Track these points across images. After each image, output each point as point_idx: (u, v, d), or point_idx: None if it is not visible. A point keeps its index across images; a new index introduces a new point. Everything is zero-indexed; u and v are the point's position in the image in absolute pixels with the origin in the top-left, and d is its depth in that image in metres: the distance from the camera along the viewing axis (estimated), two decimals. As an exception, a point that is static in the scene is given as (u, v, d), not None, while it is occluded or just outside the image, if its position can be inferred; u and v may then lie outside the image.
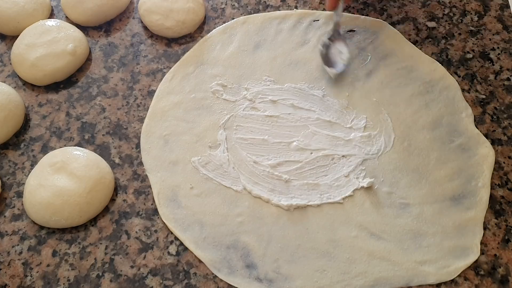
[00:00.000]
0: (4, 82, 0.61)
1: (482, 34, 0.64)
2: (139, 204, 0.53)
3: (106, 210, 0.52)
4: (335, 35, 0.60)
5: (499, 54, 0.62)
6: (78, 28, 0.63)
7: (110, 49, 0.63)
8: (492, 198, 0.52)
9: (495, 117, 0.58)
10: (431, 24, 0.65)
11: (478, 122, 0.57)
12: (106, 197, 0.52)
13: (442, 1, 0.67)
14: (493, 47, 0.63)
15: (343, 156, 0.55)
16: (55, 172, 0.52)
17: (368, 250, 0.49)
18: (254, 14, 0.65)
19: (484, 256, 0.49)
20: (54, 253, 0.50)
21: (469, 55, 0.62)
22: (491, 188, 0.53)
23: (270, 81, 0.59)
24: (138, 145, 0.56)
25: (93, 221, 0.52)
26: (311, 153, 0.55)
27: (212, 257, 0.49)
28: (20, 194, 0.54)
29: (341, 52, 0.59)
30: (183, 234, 0.50)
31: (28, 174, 0.54)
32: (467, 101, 0.58)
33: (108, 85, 0.61)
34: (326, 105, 0.58)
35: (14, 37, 0.63)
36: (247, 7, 0.66)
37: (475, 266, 0.49)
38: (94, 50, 0.63)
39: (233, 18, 0.65)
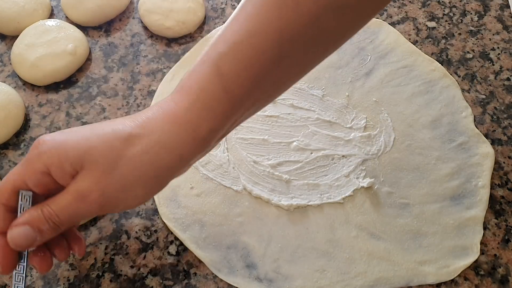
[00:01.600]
0: (4, 82, 0.61)
1: (482, 34, 0.64)
2: (139, 204, 0.53)
3: (106, 210, 0.52)
4: None
5: (499, 54, 0.62)
6: (78, 28, 0.63)
7: (110, 49, 0.63)
8: (492, 198, 0.52)
9: (495, 117, 0.58)
10: (431, 24, 0.65)
11: (478, 122, 0.57)
12: (106, 197, 0.52)
13: (442, 1, 0.67)
14: (493, 47, 0.63)
15: (343, 156, 0.55)
16: (55, 172, 0.52)
17: (368, 250, 0.49)
18: (254, 14, 0.65)
19: (484, 256, 0.49)
20: (54, 253, 0.50)
21: (469, 55, 0.62)
22: (491, 188, 0.53)
23: (270, 81, 0.59)
24: (138, 145, 0.56)
25: (93, 221, 0.52)
26: (311, 153, 0.55)
27: (212, 257, 0.49)
28: (20, 194, 0.54)
29: None
30: (183, 234, 0.50)
31: (28, 174, 0.54)
32: (467, 101, 0.58)
33: (108, 85, 0.61)
34: (326, 105, 0.58)
35: (14, 37, 0.63)
36: (247, 7, 0.66)
37: (475, 266, 0.49)
38: (94, 50, 0.63)
39: (233, 18, 0.65)
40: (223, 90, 0.37)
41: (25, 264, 0.41)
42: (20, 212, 0.39)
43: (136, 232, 0.51)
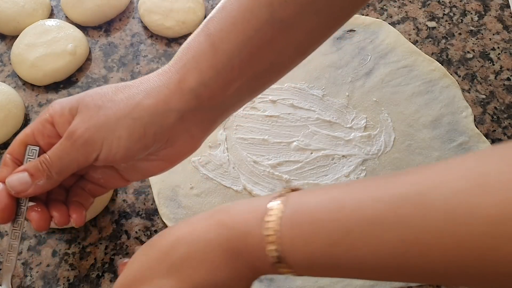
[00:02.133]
0: (4, 82, 0.61)
1: (482, 34, 0.64)
2: (139, 204, 0.53)
3: (106, 210, 0.52)
4: None
5: (499, 54, 0.62)
6: (78, 28, 0.63)
7: (110, 49, 0.63)
8: (492, 198, 0.52)
9: (495, 117, 0.58)
10: (431, 24, 0.65)
11: (478, 122, 0.57)
12: (106, 197, 0.52)
13: (442, 1, 0.67)
14: (493, 47, 0.63)
15: (343, 156, 0.55)
16: (55, 172, 0.52)
17: (368, 250, 0.49)
18: (254, 14, 0.65)
19: (484, 256, 0.49)
20: (54, 253, 0.50)
21: (469, 55, 0.62)
22: (491, 188, 0.53)
23: (270, 81, 0.59)
24: (138, 145, 0.56)
25: (93, 221, 0.52)
26: (311, 153, 0.55)
27: (212, 257, 0.49)
28: (20, 194, 0.54)
29: None
30: (183, 234, 0.50)
31: (28, 174, 0.54)
32: (467, 101, 0.58)
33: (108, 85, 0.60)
34: (326, 104, 0.58)
35: (14, 37, 0.63)
36: (247, 7, 0.66)
37: (475, 266, 0.49)
38: (94, 50, 0.63)
39: (233, 18, 0.65)
40: (210, 45, 0.38)
41: (22, 219, 0.43)
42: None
43: (136, 232, 0.51)
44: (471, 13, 0.65)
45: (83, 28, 0.64)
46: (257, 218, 0.32)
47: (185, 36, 0.64)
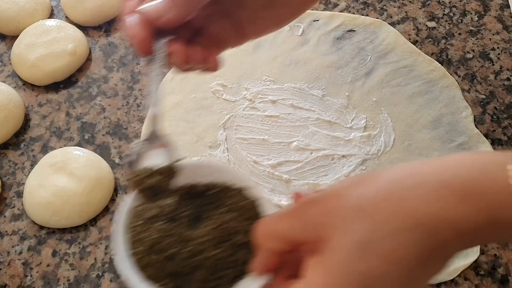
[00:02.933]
0: (4, 82, 0.61)
1: (482, 34, 0.64)
2: (139, 204, 0.53)
3: (106, 210, 0.52)
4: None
5: (499, 54, 0.62)
6: (78, 28, 0.63)
7: (110, 49, 0.63)
8: (492, 198, 0.52)
9: (495, 117, 0.58)
10: (431, 24, 0.65)
11: (478, 122, 0.57)
12: (106, 197, 0.52)
13: (442, 1, 0.67)
14: (493, 47, 0.63)
15: (343, 156, 0.55)
16: (55, 172, 0.52)
17: (368, 250, 0.49)
18: (254, 14, 0.65)
19: (484, 256, 0.49)
20: (54, 253, 0.50)
21: (469, 55, 0.62)
22: (491, 188, 0.53)
23: (270, 81, 0.59)
24: (138, 145, 0.56)
25: (93, 221, 0.52)
26: (311, 153, 0.55)
27: (212, 257, 0.49)
28: (20, 194, 0.54)
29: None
30: (183, 234, 0.50)
31: (28, 174, 0.54)
32: (467, 101, 0.58)
33: (108, 85, 0.61)
34: (326, 105, 0.58)
35: (14, 37, 0.63)
36: (247, 7, 0.66)
37: (475, 266, 0.49)
38: (94, 50, 0.63)
39: (233, 18, 0.65)
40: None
41: (164, 53, 0.36)
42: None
43: (136, 232, 0.51)
44: (471, 13, 0.65)
45: (83, 28, 0.64)
46: (498, 164, 0.27)
47: (185, 36, 0.64)
